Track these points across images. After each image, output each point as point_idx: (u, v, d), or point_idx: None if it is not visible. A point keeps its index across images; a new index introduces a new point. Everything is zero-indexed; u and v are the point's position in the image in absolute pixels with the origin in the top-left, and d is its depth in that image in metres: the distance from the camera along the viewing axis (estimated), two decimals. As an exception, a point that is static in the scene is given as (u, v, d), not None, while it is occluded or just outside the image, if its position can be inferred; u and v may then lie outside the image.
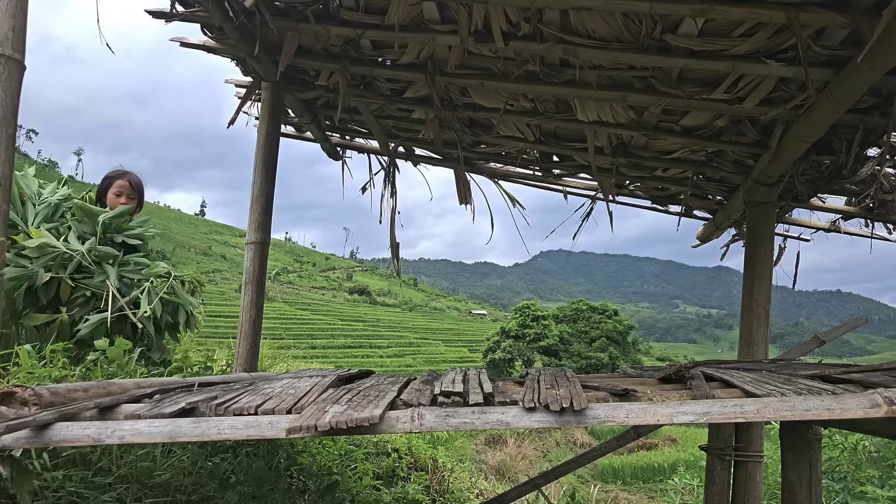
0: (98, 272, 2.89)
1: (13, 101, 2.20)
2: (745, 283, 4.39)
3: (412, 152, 5.46)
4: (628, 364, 35.03)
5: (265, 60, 3.99)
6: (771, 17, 2.87)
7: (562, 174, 5.41)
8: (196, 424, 1.66)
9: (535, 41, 3.41)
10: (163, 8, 3.65)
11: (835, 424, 3.06)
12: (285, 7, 3.60)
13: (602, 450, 4.30)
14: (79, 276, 2.86)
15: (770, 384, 1.99)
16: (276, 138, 4.43)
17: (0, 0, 2.21)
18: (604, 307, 46.63)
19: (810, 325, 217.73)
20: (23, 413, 1.73)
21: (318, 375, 2.47)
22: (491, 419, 1.66)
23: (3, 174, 2.15)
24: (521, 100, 4.23)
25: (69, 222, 3.01)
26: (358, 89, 4.43)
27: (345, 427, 1.59)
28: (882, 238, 4.86)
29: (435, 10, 3.39)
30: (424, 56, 3.87)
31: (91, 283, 2.85)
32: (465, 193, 5.32)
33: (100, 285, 2.86)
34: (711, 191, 5.05)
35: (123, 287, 2.94)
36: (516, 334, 41.41)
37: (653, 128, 4.21)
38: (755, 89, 3.50)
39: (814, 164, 4.18)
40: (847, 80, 3.02)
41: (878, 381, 1.91)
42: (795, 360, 3.57)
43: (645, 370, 3.12)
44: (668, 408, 1.67)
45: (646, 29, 3.21)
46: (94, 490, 2.47)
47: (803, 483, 2.84)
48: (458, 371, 2.52)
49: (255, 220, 4.33)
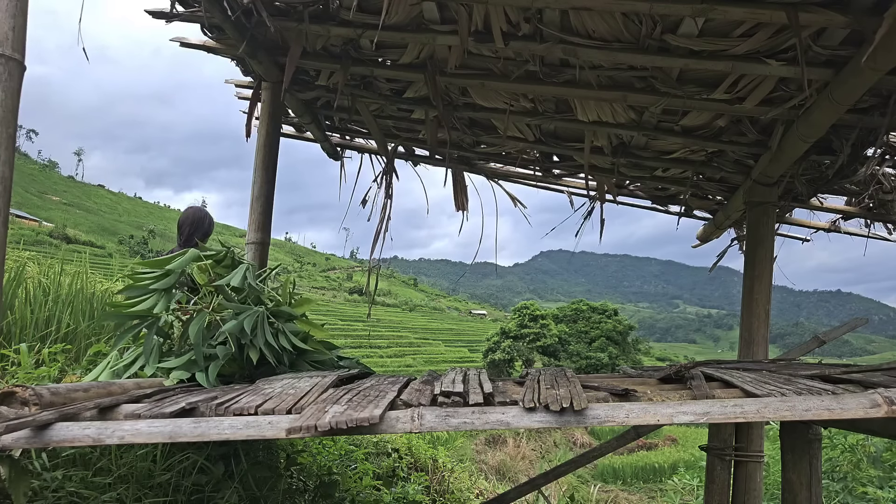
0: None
1: (13, 101, 2.20)
2: (745, 283, 4.39)
3: (412, 152, 5.46)
4: (628, 364, 35.02)
5: (265, 60, 3.99)
6: (771, 17, 2.87)
7: (562, 174, 5.41)
8: (196, 424, 1.66)
9: (535, 41, 3.41)
10: (163, 8, 3.65)
11: (835, 424, 3.06)
12: (285, 7, 3.60)
13: (602, 450, 4.30)
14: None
15: (770, 384, 1.99)
16: (276, 138, 4.43)
17: (0, 0, 2.20)
18: (604, 307, 46.59)
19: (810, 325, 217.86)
20: (23, 413, 1.73)
21: (318, 375, 2.47)
22: (491, 419, 1.66)
23: (3, 174, 2.14)
24: (521, 100, 4.22)
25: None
26: (358, 89, 4.43)
27: (345, 427, 1.59)
28: (882, 238, 4.86)
29: (435, 10, 3.39)
30: (424, 56, 3.87)
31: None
32: (461, 199, 5.31)
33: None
34: (711, 191, 5.05)
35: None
36: (515, 334, 41.38)
37: (653, 128, 4.21)
38: (755, 89, 3.50)
39: (814, 164, 4.18)
40: (847, 80, 3.02)
41: (878, 381, 1.91)
42: (795, 360, 3.57)
43: (645, 370, 3.12)
44: (668, 408, 1.68)
45: (646, 29, 3.21)
46: (94, 490, 2.47)
47: (803, 483, 2.84)
48: (458, 371, 2.52)
49: (255, 220, 4.32)
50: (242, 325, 2.64)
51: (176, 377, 2.49)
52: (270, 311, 2.87)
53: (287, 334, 2.83)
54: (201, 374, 2.49)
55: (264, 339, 2.69)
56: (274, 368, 2.74)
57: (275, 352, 2.72)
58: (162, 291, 2.72)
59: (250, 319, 2.67)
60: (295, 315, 3.03)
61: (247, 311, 2.72)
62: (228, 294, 2.83)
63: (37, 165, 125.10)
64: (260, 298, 2.94)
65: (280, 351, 2.76)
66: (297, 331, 2.95)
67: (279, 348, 2.75)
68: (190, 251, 2.94)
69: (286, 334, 2.83)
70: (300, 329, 3.02)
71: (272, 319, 2.85)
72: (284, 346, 2.78)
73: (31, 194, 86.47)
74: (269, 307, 2.90)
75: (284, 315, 2.97)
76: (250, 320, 2.67)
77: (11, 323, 3.54)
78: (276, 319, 2.89)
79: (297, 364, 2.92)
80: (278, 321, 2.89)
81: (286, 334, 2.83)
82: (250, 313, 2.71)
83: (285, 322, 2.93)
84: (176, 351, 2.78)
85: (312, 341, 3.06)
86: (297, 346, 2.86)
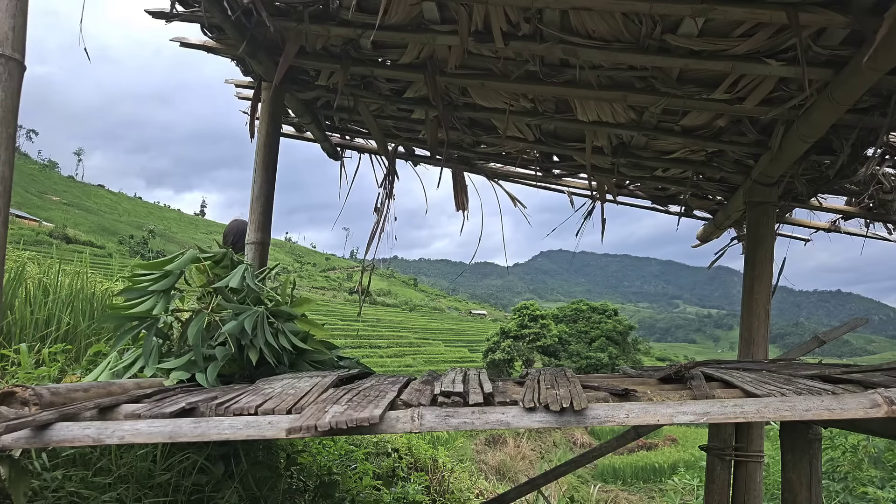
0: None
1: (13, 101, 2.20)
2: (745, 283, 4.39)
3: (412, 152, 5.46)
4: (628, 364, 35.02)
5: (265, 60, 3.99)
6: (771, 17, 2.87)
7: (562, 174, 5.41)
8: (196, 424, 1.66)
9: (535, 41, 3.41)
10: (163, 8, 3.65)
11: (835, 424, 3.06)
12: (285, 7, 3.59)
13: (602, 450, 4.30)
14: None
15: (770, 384, 1.99)
16: (276, 138, 4.43)
17: (0, 1, 2.20)
18: (604, 307, 46.61)
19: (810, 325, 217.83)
20: (23, 413, 1.73)
21: (318, 375, 2.47)
22: (491, 419, 1.67)
23: (3, 174, 2.14)
24: (521, 100, 4.22)
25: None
26: (358, 89, 4.43)
27: (345, 427, 1.59)
28: (882, 238, 4.86)
29: (435, 10, 3.39)
30: (424, 56, 3.87)
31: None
32: (461, 199, 5.31)
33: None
34: (711, 191, 5.05)
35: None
36: (515, 334, 41.39)
37: (653, 128, 4.21)
38: (755, 89, 3.50)
39: (814, 164, 4.18)
40: (847, 80, 3.02)
41: (878, 381, 1.91)
42: (795, 360, 3.57)
43: (645, 370, 3.12)
44: (668, 408, 1.68)
45: (646, 29, 3.21)
46: (94, 490, 2.47)
47: (803, 483, 2.84)
48: (458, 371, 2.52)
49: (255, 220, 4.32)
50: (242, 325, 2.64)
51: (176, 377, 2.50)
52: (270, 311, 2.87)
53: (287, 334, 2.83)
54: (201, 375, 2.49)
55: (264, 339, 2.69)
56: (274, 368, 2.74)
57: (274, 352, 2.72)
58: (161, 293, 2.72)
59: (250, 320, 2.67)
60: (295, 315, 3.03)
61: (246, 312, 2.72)
62: (228, 294, 2.83)
63: (37, 165, 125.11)
64: (259, 298, 2.94)
65: (280, 351, 2.76)
66: (296, 331, 2.95)
67: (279, 348, 2.75)
68: (189, 252, 2.94)
69: (286, 334, 2.83)
70: (300, 329, 3.02)
71: (272, 319, 2.85)
72: (284, 346, 2.78)
73: (31, 194, 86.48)
74: (269, 307, 2.90)
75: (284, 315, 2.97)
76: (250, 321, 2.67)
77: (11, 323, 3.54)
78: (276, 319, 2.89)
79: (297, 364, 2.92)
80: (278, 321, 2.89)
81: (286, 334, 2.83)
82: (250, 313, 2.71)
83: (285, 322, 2.93)
84: (175, 352, 2.78)
85: (312, 341, 3.06)
86: (297, 346, 2.86)
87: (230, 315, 2.71)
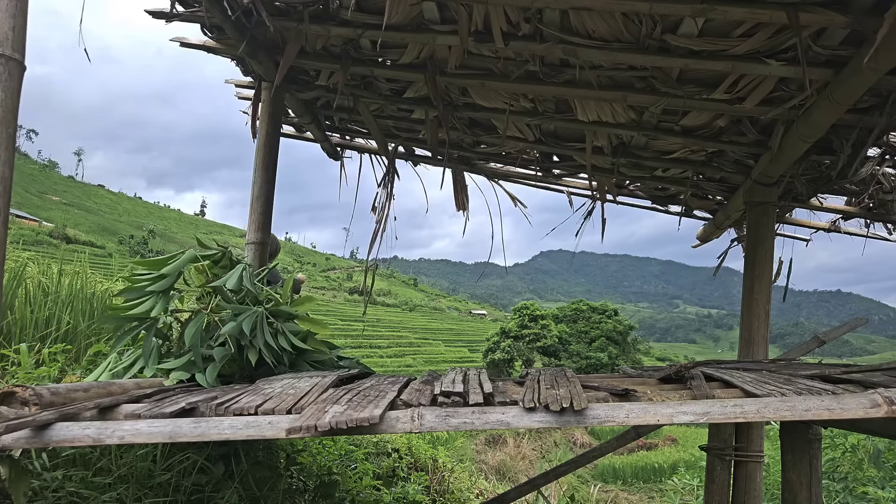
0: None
1: (13, 101, 2.20)
2: (745, 283, 4.39)
3: (412, 152, 5.46)
4: (628, 364, 35.02)
5: (265, 60, 3.99)
6: (771, 17, 2.87)
7: (562, 174, 5.41)
8: (196, 424, 1.66)
9: (535, 41, 3.41)
10: (163, 8, 3.65)
11: (835, 424, 3.06)
12: (285, 7, 3.59)
13: (602, 450, 4.30)
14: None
15: (770, 384, 1.99)
16: (276, 138, 4.43)
17: (0, 0, 2.20)
18: (604, 307, 46.60)
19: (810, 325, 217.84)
20: (23, 413, 1.73)
21: (318, 376, 2.47)
22: (491, 419, 1.67)
23: (3, 174, 2.14)
24: (521, 100, 4.22)
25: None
26: (358, 89, 4.43)
27: (345, 427, 1.59)
28: (882, 238, 4.85)
29: (435, 10, 3.39)
30: (424, 56, 3.87)
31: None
32: (461, 199, 5.31)
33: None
34: (711, 191, 5.05)
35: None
36: (515, 334, 41.38)
37: (653, 128, 4.21)
38: (755, 89, 3.50)
39: (814, 164, 4.18)
40: (847, 80, 3.02)
41: (878, 381, 1.91)
42: (795, 360, 3.57)
43: (645, 370, 3.12)
44: (668, 408, 1.68)
45: (646, 29, 3.21)
46: (94, 490, 2.47)
47: (803, 483, 2.84)
48: (458, 371, 2.52)
49: (255, 220, 4.32)
50: (241, 326, 2.64)
51: (175, 378, 2.50)
52: (269, 311, 2.86)
53: (286, 334, 2.83)
54: (200, 375, 2.49)
55: (263, 339, 2.69)
56: (273, 368, 2.74)
57: (274, 352, 2.72)
58: (160, 293, 2.72)
59: (249, 320, 2.67)
60: (294, 314, 3.03)
61: (246, 312, 2.72)
62: (227, 294, 2.83)
63: (37, 165, 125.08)
64: (258, 298, 2.94)
65: (279, 351, 2.76)
66: (296, 330, 2.95)
67: (279, 348, 2.75)
68: (188, 252, 2.94)
69: (286, 334, 2.83)
70: (300, 329, 3.01)
71: (271, 319, 2.85)
72: (284, 346, 2.78)
73: (31, 194, 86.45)
74: (269, 307, 2.90)
75: (284, 315, 2.96)
76: (249, 321, 2.67)
77: (11, 323, 3.55)
78: (276, 319, 2.88)
79: (297, 364, 2.92)
80: (277, 321, 2.88)
81: (286, 334, 2.83)
82: (249, 314, 2.71)
83: (284, 321, 2.92)
84: (175, 352, 2.78)
85: (313, 341, 3.06)
86: (297, 346, 2.85)
87: (229, 315, 2.71)
